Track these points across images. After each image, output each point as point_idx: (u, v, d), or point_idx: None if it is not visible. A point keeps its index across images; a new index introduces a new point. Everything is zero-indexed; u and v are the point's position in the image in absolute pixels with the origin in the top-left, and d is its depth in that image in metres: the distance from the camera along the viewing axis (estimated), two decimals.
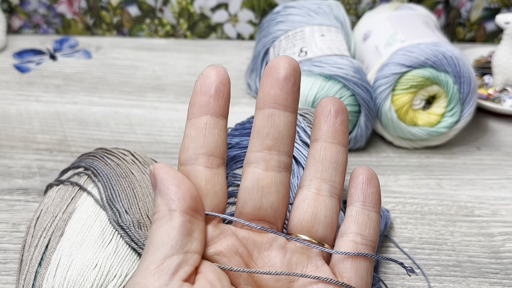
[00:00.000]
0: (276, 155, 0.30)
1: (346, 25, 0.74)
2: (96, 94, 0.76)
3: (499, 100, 0.73)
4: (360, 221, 0.30)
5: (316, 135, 0.31)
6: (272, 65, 0.30)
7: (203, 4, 0.88)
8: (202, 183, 0.29)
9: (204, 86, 0.30)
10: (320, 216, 0.30)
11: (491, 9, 0.87)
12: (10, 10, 0.89)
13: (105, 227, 0.42)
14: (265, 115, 0.30)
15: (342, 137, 0.31)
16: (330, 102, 0.31)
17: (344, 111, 0.31)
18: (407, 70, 0.64)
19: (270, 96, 0.30)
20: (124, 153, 0.49)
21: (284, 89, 0.29)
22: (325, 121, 0.30)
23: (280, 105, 0.29)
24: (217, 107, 0.30)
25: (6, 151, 0.65)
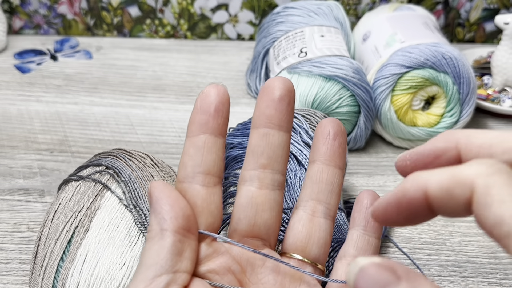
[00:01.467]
0: (270, 174, 0.30)
1: (345, 25, 0.74)
2: (97, 94, 0.76)
3: (498, 100, 0.73)
4: (359, 246, 0.30)
5: (314, 156, 0.31)
6: (268, 85, 0.30)
7: (203, 4, 0.88)
8: (198, 202, 0.29)
9: (204, 104, 0.30)
10: (314, 237, 0.31)
11: (490, 10, 0.87)
12: (11, 10, 0.89)
13: (131, 227, 0.43)
14: (260, 134, 0.30)
15: (339, 160, 0.31)
16: (330, 124, 0.31)
17: (343, 133, 0.31)
18: (407, 70, 0.64)
19: (265, 116, 0.30)
20: (143, 156, 0.50)
21: (279, 109, 0.30)
22: (324, 143, 0.31)
23: (275, 125, 0.30)
24: (216, 126, 0.30)
25: (7, 151, 0.65)
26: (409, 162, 0.27)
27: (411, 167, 0.27)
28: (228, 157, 0.55)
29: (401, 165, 0.28)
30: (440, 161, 0.25)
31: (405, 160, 0.27)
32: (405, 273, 0.22)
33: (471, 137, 0.24)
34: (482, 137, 0.24)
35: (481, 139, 0.24)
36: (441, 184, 0.23)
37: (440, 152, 0.25)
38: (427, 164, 0.26)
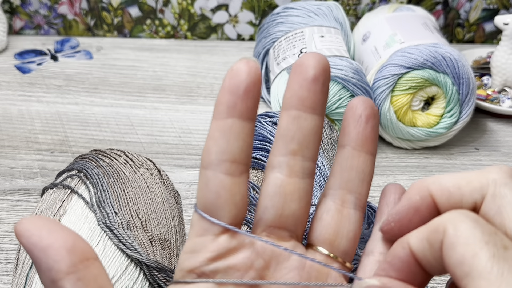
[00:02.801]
0: (300, 161, 0.28)
1: (345, 26, 0.75)
2: (97, 94, 0.76)
3: (497, 100, 0.73)
4: (387, 242, 0.29)
5: (344, 140, 0.29)
6: (301, 63, 0.27)
7: (203, 5, 0.88)
8: (222, 192, 0.27)
9: (232, 84, 0.27)
10: (343, 230, 0.29)
11: (490, 10, 0.87)
12: (11, 10, 0.89)
13: (93, 229, 0.42)
14: (291, 117, 0.28)
15: (371, 145, 0.29)
16: (362, 105, 0.28)
17: (375, 115, 0.29)
18: (406, 71, 0.64)
19: (297, 98, 0.27)
20: (118, 153, 0.49)
21: (312, 90, 0.27)
22: (355, 126, 0.28)
23: (308, 108, 0.27)
24: (245, 109, 0.27)
25: (8, 151, 0.66)
26: (393, 224, 0.27)
27: (398, 228, 0.27)
28: None
29: (387, 229, 0.28)
30: (421, 213, 0.26)
31: (389, 223, 0.27)
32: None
33: (441, 182, 0.26)
34: (450, 181, 0.26)
35: (450, 183, 0.26)
36: (419, 235, 0.25)
37: (418, 205, 0.26)
38: (410, 219, 0.27)
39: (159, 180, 0.48)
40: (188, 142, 0.68)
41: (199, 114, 0.73)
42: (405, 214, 0.27)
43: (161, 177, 0.49)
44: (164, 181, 0.49)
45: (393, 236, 0.27)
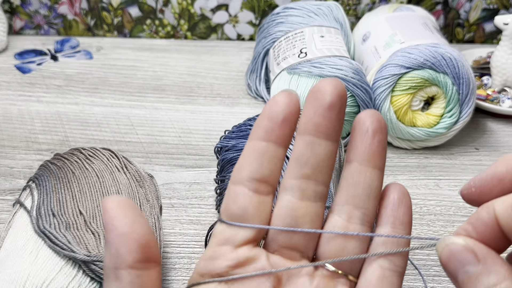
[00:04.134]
0: (313, 185, 0.29)
1: (345, 26, 0.75)
2: (97, 94, 0.76)
3: (497, 100, 0.73)
4: (389, 246, 0.29)
5: (351, 155, 0.29)
6: (318, 89, 0.28)
7: (203, 5, 0.88)
8: (250, 208, 0.28)
9: (272, 112, 0.28)
10: (349, 246, 0.29)
11: (490, 10, 0.87)
12: (11, 10, 0.89)
13: (30, 237, 0.42)
14: (306, 142, 0.28)
15: (378, 160, 0.29)
16: (369, 118, 0.29)
17: (383, 129, 0.29)
18: (406, 71, 0.64)
19: (312, 124, 0.28)
20: (73, 152, 0.50)
21: (328, 117, 0.28)
22: (361, 141, 0.29)
23: (322, 134, 0.28)
24: (281, 135, 0.28)
25: (8, 151, 0.66)
26: (474, 189, 0.28)
27: (477, 194, 0.28)
28: (223, 160, 0.55)
29: (467, 193, 0.28)
30: (504, 184, 0.27)
31: (470, 188, 0.28)
32: (484, 257, 0.26)
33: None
34: None
35: None
36: (506, 202, 0.26)
37: (502, 176, 0.27)
38: (492, 188, 0.27)
39: (116, 169, 0.48)
40: (188, 142, 0.68)
41: (199, 114, 0.73)
42: (488, 182, 0.28)
43: (121, 165, 0.49)
44: (124, 168, 0.49)
45: (471, 201, 0.28)
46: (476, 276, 0.26)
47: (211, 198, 0.60)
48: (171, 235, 0.56)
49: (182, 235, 0.56)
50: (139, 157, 0.65)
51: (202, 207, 0.59)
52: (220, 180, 0.55)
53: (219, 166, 0.56)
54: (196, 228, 0.57)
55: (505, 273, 0.26)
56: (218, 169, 0.56)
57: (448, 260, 0.27)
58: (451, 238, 0.27)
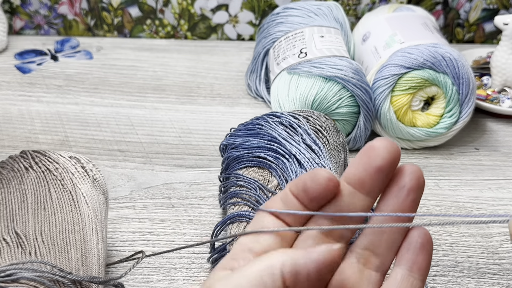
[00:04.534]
0: (341, 230, 0.30)
1: (345, 26, 0.75)
2: (97, 94, 0.76)
3: (497, 100, 0.73)
4: (405, 280, 0.29)
5: (381, 206, 0.29)
6: (373, 147, 0.28)
7: (203, 5, 0.88)
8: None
9: (314, 182, 0.29)
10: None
11: (489, 10, 0.88)
12: (11, 10, 0.89)
13: None
14: (347, 191, 0.29)
15: (408, 218, 0.29)
16: (409, 175, 0.29)
17: (419, 188, 0.29)
18: (406, 71, 0.64)
19: (358, 178, 0.29)
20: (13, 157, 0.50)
21: (374, 178, 0.28)
22: (396, 195, 0.29)
23: (364, 190, 0.29)
24: (316, 205, 0.29)
25: (8, 151, 0.66)
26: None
27: None
28: (229, 157, 0.55)
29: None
30: None
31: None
32: None
33: None
34: None
35: None
36: None
37: None
38: None
39: (24, 168, 0.48)
40: (188, 142, 0.68)
41: (199, 114, 0.73)
42: None
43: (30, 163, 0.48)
44: (31, 166, 0.48)
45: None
46: None
47: (211, 198, 0.60)
48: (171, 235, 0.56)
49: (182, 235, 0.56)
50: (139, 157, 0.66)
51: (202, 207, 0.59)
52: (225, 178, 0.55)
53: (224, 164, 0.56)
54: (196, 228, 0.57)
55: None
56: (223, 166, 0.56)
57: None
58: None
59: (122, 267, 0.52)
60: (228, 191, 0.53)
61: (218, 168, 0.59)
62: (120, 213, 0.58)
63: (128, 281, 0.51)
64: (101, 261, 0.44)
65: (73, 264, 0.42)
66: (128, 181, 0.62)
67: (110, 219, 0.57)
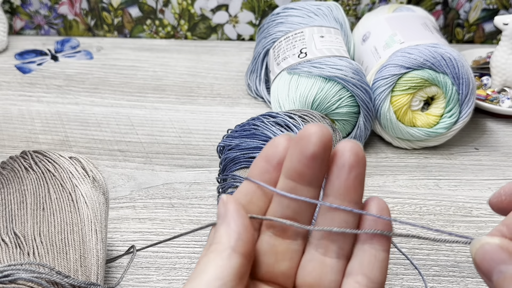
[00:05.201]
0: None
1: (345, 26, 0.75)
2: (97, 94, 0.76)
3: (497, 101, 0.73)
4: (366, 262, 0.29)
5: (327, 190, 0.29)
6: (303, 136, 0.28)
7: (203, 5, 0.88)
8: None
9: (269, 154, 0.29)
10: (325, 280, 0.29)
11: (489, 10, 0.88)
12: (11, 10, 0.89)
13: None
14: (288, 186, 0.29)
15: (355, 195, 0.29)
16: (347, 152, 0.28)
17: (360, 163, 0.28)
18: (406, 71, 0.64)
19: (295, 171, 0.28)
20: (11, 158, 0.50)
21: (311, 167, 0.28)
22: (338, 176, 0.28)
23: (305, 182, 0.28)
24: (274, 178, 0.29)
25: (8, 151, 0.66)
26: (504, 197, 0.29)
27: (507, 202, 0.28)
28: (226, 159, 0.55)
29: (497, 202, 0.29)
30: None
31: (500, 196, 0.29)
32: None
33: None
34: None
35: None
36: None
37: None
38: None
39: (24, 169, 0.48)
40: (188, 142, 0.68)
41: (199, 114, 0.73)
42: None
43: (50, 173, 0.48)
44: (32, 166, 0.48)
45: (500, 209, 0.29)
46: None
47: (211, 198, 0.60)
48: (171, 235, 0.56)
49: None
50: (139, 157, 0.66)
51: (202, 207, 0.59)
52: (222, 179, 0.55)
53: (221, 165, 0.56)
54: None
55: None
56: (220, 168, 0.56)
57: (483, 259, 0.27)
58: (485, 238, 0.27)
59: (121, 267, 0.52)
60: (226, 193, 0.53)
61: (218, 168, 0.59)
62: (120, 213, 0.58)
63: (128, 281, 0.51)
64: (100, 261, 0.44)
65: (72, 264, 0.42)
66: (128, 181, 0.62)
67: (110, 219, 0.57)
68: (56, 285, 0.39)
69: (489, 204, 0.29)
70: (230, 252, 0.27)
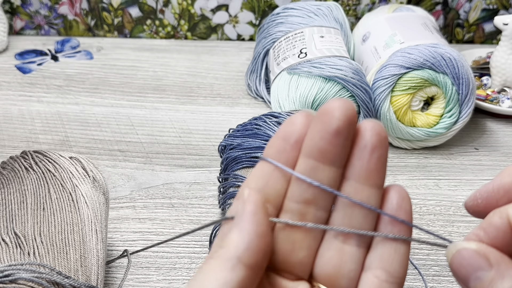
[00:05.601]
0: (313, 210, 0.28)
1: (345, 26, 0.75)
2: (98, 94, 0.77)
3: (497, 101, 0.73)
4: (385, 256, 0.28)
5: (348, 172, 0.27)
6: (326, 111, 0.26)
7: (203, 5, 0.88)
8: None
9: (287, 132, 0.27)
10: (344, 269, 0.28)
11: (489, 10, 0.88)
12: (11, 11, 0.89)
13: None
14: (309, 166, 0.27)
15: (377, 178, 0.27)
16: (369, 131, 0.26)
17: (383, 143, 0.27)
18: (406, 71, 0.64)
19: (317, 148, 0.27)
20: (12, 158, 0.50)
21: (334, 143, 0.26)
22: (359, 157, 0.27)
23: (327, 160, 0.27)
24: (292, 157, 0.27)
25: (8, 151, 0.66)
26: (480, 201, 0.28)
27: (483, 205, 0.28)
28: (227, 158, 0.55)
29: (473, 205, 0.28)
30: (510, 194, 0.27)
31: (476, 200, 0.28)
32: (497, 262, 0.26)
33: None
34: None
35: None
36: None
37: (509, 186, 0.27)
38: (498, 199, 0.27)
39: (24, 168, 0.48)
40: (188, 142, 0.68)
41: (199, 114, 0.73)
42: (495, 193, 0.27)
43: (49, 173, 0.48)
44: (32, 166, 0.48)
45: (476, 212, 0.28)
46: (490, 282, 0.25)
47: (211, 198, 0.60)
48: (171, 235, 0.56)
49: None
50: (139, 157, 0.66)
51: (202, 207, 0.59)
52: (224, 179, 0.55)
53: (222, 165, 0.56)
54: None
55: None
56: (222, 167, 0.56)
57: (460, 265, 0.26)
58: (462, 243, 0.26)
59: (122, 266, 0.52)
60: (227, 192, 0.53)
61: (218, 168, 0.59)
62: (121, 213, 0.58)
63: (128, 281, 0.51)
64: (100, 261, 0.44)
65: (72, 264, 0.42)
66: (128, 181, 0.62)
67: (111, 219, 0.57)
68: (57, 285, 0.39)
69: (465, 207, 0.28)
70: (235, 262, 0.25)
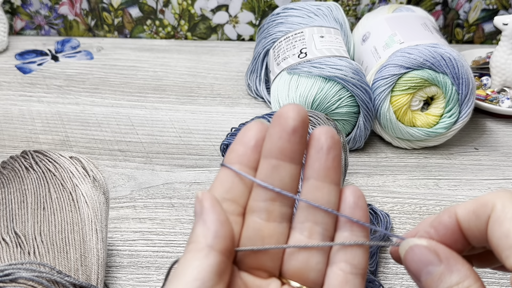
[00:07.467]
0: (278, 206, 0.30)
1: (345, 26, 0.75)
2: (98, 94, 0.77)
3: (497, 101, 0.73)
4: (348, 249, 0.30)
5: (308, 173, 0.30)
6: (281, 114, 0.29)
7: (203, 5, 0.88)
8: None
9: (245, 137, 0.30)
10: (312, 262, 0.30)
11: (489, 10, 0.88)
12: (12, 11, 0.89)
13: None
14: (271, 165, 0.30)
15: (334, 175, 0.30)
16: (323, 135, 0.30)
17: (336, 145, 0.30)
18: (406, 71, 0.64)
19: (277, 147, 0.29)
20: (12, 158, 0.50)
21: (292, 141, 0.29)
22: (317, 158, 0.30)
23: (287, 157, 0.29)
24: (252, 159, 0.30)
25: (9, 151, 0.66)
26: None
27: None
28: None
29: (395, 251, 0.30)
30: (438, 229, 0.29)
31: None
32: (446, 257, 0.28)
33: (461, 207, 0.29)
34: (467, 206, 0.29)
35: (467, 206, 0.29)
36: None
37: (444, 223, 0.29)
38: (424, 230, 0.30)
39: (24, 167, 0.48)
40: (188, 142, 0.68)
41: (199, 114, 0.73)
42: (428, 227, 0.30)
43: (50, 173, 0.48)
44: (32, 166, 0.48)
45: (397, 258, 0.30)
46: (439, 276, 0.27)
47: None
48: (172, 235, 0.56)
49: (182, 235, 0.56)
50: (139, 157, 0.66)
51: None
52: None
53: None
54: None
55: (466, 272, 0.27)
56: None
57: (412, 260, 0.28)
58: (414, 240, 0.29)
59: (122, 266, 0.53)
60: None
61: (218, 168, 0.59)
62: (121, 213, 0.58)
63: (128, 281, 0.51)
64: (100, 261, 0.44)
65: (72, 264, 0.42)
66: (129, 181, 0.62)
67: (111, 218, 0.57)
68: (57, 284, 0.39)
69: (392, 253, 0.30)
70: (207, 251, 0.27)
